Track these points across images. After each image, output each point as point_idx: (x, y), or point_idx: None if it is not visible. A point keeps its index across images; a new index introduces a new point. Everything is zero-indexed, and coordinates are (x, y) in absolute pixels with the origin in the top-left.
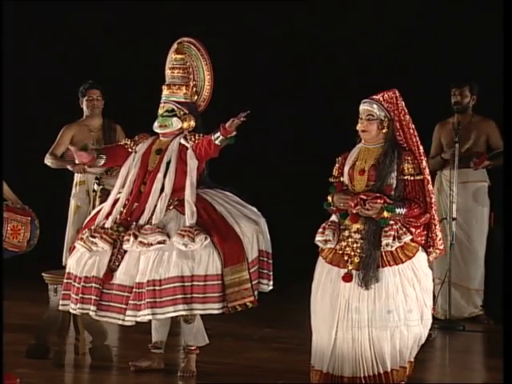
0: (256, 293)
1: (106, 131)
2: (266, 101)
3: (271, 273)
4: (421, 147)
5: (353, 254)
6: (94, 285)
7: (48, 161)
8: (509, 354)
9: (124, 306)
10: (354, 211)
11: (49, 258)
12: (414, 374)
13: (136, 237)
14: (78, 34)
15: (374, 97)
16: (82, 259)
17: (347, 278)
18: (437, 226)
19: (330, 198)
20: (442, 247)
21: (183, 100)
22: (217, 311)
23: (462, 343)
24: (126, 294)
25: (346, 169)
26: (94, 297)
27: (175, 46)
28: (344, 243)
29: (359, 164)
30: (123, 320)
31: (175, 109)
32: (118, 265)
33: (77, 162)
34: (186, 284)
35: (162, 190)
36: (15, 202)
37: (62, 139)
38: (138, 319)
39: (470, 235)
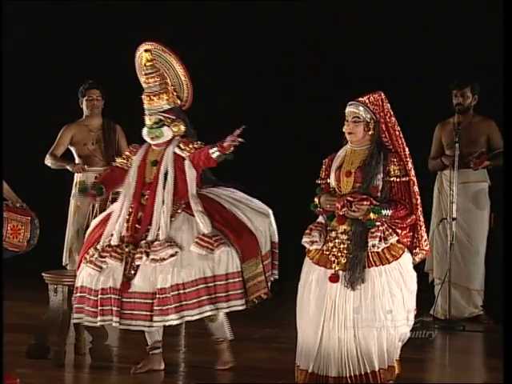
0: (269, 284)
1: (105, 131)
2: (265, 99)
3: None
4: (406, 149)
5: (339, 254)
6: (112, 296)
7: (48, 161)
8: (509, 353)
9: (149, 313)
10: (341, 213)
11: (49, 258)
12: (414, 374)
13: (148, 254)
14: (77, 34)
15: (360, 99)
16: (92, 276)
17: (334, 278)
18: (422, 227)
19: (316, 200)
20: (427, 248)
21: (167, 107)
22: (241, 307)
23: (461, 343)
24: (148, 300)
25: (333, 170)
26: (114, 308)
27: (143, 54)
28: (331, 244)
29: (346, 166)
30: (150, 326)
31: (162, 119)
32: (135, 273)
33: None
34: (210, 285)
35: (163, 202)
36: (15, 202)
37: (62, 139)
38: (167, 323)
39: (471, 235)
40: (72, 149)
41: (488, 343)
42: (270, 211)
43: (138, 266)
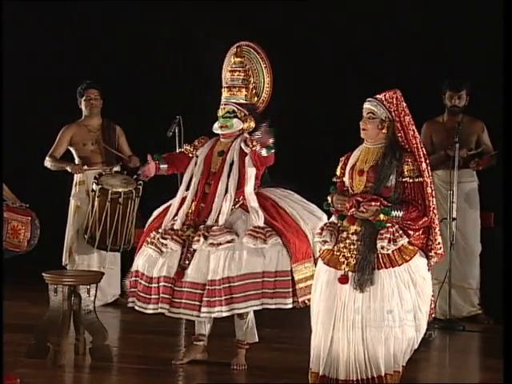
0: None
1: (105, 131)
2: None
3: None
4: (422, 149)
5: (349, 255)
6: (165, 284)
7: (48, 163)
8: (508, 353)
9: (197, 303)
10: (349, 213)
11: (49, 258)
12: (414, 374)
13: (206, 237)
14: (78, 34)
15: (377, 96)
16: (151, 259)
17: (343, 279)
18: (436, 230)
19: (329, 199)
20: (441, 251)
21: (243, 101)
22: (287, 306)
23: (461, 343)
24: (198, 291)
25: (348, 169)
26: (165, 295)
27: (234, 49)
28: (342, 244)
29: (359, 164)
30: (197, 316)
31: (236, 110)
32: (189, 263)
33: (144, 175)
34: (258, 280)
35: (227, 190)
36: (15, 202)
37: (61, 140)
38: (214, 315)
39: (465, 234)
40: (71, 149)
41: (488, 343)
42: (325, 216)
43: (195, 252)
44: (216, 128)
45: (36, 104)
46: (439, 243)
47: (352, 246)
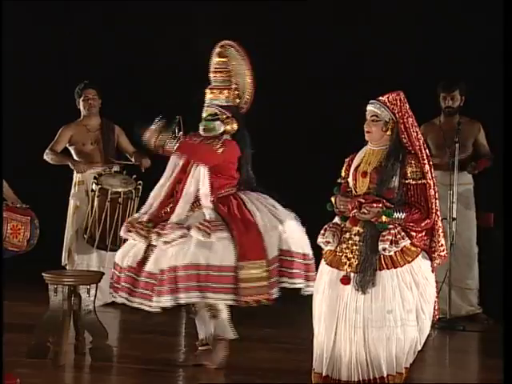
0: (274, 291)
1: (104, 131)
2: (266, 100)
3: (299, 271)
4: (425, 151)
5: (352, 256)
6: (127, 273)
7: (48, 156)
8: (508, 353)
9: (151, 293)
10: (351, 214)
11: (49, 258)
12: (414, 374)
13: (159, 234)
14: (77, 34)
15: (380, 98)
16: (125, 250)
17: (345, 280)
18: (439, 232)
19: (333, 199)
20: (444, 253)
21: (225, 103)
22: (228, 302)
23: (461, 343)
24: (153, 281)
25: (351, 170)
26: (127, 285)
27: (217, 49)
28: (344, 245)
29: (363, 166)
30: (149, 306)
31: (218, 112)
32: (151, 254)
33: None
34: (201, 272)
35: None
36: (15, 202)
37: (61, 137)
38: (161, 305)
39: (463, 236)
40: (71, 149)
41: (487, 343)
42: (293, 221)
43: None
44: (200, 130)
45: (36, 104)
46: (442, 245)
47: (354, 247)
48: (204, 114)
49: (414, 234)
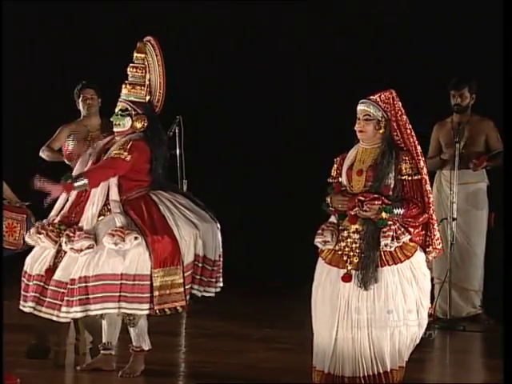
0: (188, 297)
1: (104, 131)
2: (265, 100)
3: (213, 280)
4: (418, 147)
5: (352, 254)
6: (36, 282)
7: (44, 153)
8: (509, 353)
9: (59, 303)
10: (352, 213)
11: None
12: (414, 374)
13: (69, 239)
14: (78, 33)
15: (371, 97)
16: (35, 257)
17: (346, 278)
18: (435, 226)
19: (328, 199)
20: (440, 247)
21: (137, 100)
22: (143, 311)
23: (461, 343)
24: (62, 290)
25: (344, 169)
26: (35, 294)
27: (138, 44)
28: (343, 244)
29: (357, 165)
30: (57, 316)
31: (129, 108)
32: (60, 262)
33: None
34: (115, 282)
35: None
36: (14, 201)
37: (59, 135)
38: (71, 315)
39: (469, 236)
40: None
41: (488, 343)
42: (209, 224)
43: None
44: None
45: (36, 104)
46: (438, 238)
47: (354, 245)
48: (116, 109)
49: (411, 229)
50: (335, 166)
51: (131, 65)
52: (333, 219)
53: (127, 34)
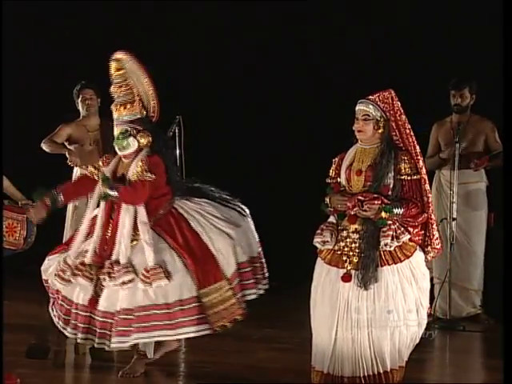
0: (243, 305)
1: (104, 131)
2: (264, 100)
3: (260, 275)
4: (417, 147)
5: (351, 254)
6: (80, 312)
7: (45, 145)
8: (509, 353)
9: (108, 332)
10: (352, 212)
11: None
12: (414, 374)
13: (110, 275)
14: (78, 33)
15: (370, 97)
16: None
17: (346, 278)
18: (434, 226)
19: (327, 199)
20: (439, 246)
21: (134, 117)
22: (194, 334)
23: (461, 343)
24: (109, 320)
25: (343, 169)
26: (80, 324)
27: (112, 63)
28: (342, 243)
29: (356, 165)
30: (109, 346)
31: (128, 129)
32: (101, 292)
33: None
34: (162, 311)
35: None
36: (19, 199)
37: (60, 132)
38: (123, 345)
39: (469, 235)
40: (70, 148)
41: (488, 343)
42: (239, 229)
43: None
44: (116, 149)
45: (36, 104)
46: (437, 238)
47: (353, 245)
48: (115, 133)
49: (411, 229)
50: (333, 166)
51: (114, 85)
52: (332, 219)
53: (127, 34)
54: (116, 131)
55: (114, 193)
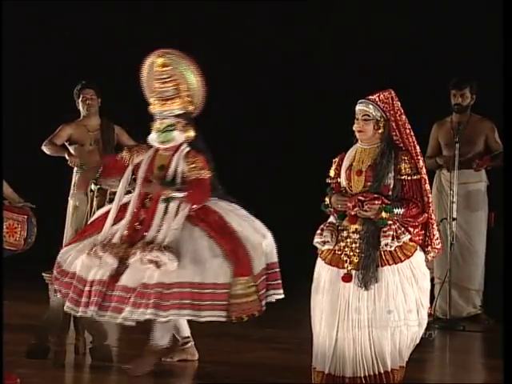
0: (263, 303)
1: (104, 131)
2: (265, 100)
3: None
4: (417, 147)
5: (352, 254)
6: (97, 287)
7: (46, 147)
8: (509, 353)
9: (125, 307)
10: (353, 213)
11: (49, 258)
12: (414, 374)
13: (143, 250)
14: (77, 33)
15: (370, 97)
16: (88, 264)
17: (347, 278)
18: (434, 226)
19: (327, 200)
20: (439, 246)
21: (180, 112)
22: (223, 319)
23: (461, 343)
24: (128, 295)
25: (343, 170)
26: (96, 298)
27: (158, 59)
28: (343, 244)
29: (356, 165)
30: (122, 318)
31: (174, 123)
32: (125, 270)
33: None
34: (195, 290)
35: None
36: (16, 201)
37: (61, 133)
38: (135, 316)
39: (470, 235)
40: (70, 148)
41: (488, 343)
42: (269, 233)
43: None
44: (156, 142)
45: (36, 104)
46: (437, 238)
47: (354, 245)
48: (159, 127)
49: (411, 229)
50: (333, 166)
51: (160, 80)
52: (332, 219)
53: (127, 34)
54: (160, 125)
55: (181, 194)
